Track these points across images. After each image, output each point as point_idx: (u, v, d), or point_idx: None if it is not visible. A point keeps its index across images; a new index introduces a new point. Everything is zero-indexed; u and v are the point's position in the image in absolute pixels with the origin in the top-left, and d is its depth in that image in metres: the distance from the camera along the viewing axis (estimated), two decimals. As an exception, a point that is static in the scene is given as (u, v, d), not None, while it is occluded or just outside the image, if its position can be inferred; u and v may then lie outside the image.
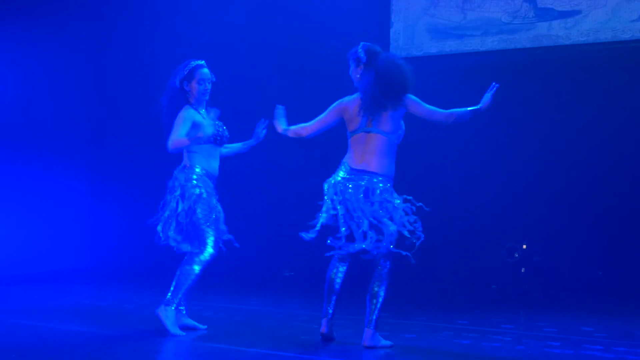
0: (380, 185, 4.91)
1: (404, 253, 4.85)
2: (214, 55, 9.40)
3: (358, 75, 5.00)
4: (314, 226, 4.95)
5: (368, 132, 4.93)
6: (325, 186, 5.01)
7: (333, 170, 5.05)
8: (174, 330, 5.26)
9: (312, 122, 5.15)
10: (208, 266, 5.38)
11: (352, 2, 8.86)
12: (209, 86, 5.47)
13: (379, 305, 4.89)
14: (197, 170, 5.42)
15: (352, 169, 4.94)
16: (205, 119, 5.36)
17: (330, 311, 5.02)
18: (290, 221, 9.16)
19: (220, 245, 5.49)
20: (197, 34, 9.33)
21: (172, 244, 5.46)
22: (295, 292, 7.78)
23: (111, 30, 9.64)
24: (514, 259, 8.09)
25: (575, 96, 8.09)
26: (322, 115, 5.13)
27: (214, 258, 5.39)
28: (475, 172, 8.41)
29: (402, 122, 5.07)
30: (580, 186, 7.99)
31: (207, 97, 5.50)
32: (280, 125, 5.21)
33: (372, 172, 4.91)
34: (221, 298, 7.17)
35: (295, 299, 7.20)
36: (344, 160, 5.02)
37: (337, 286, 5.04)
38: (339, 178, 4.95)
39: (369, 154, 4.93)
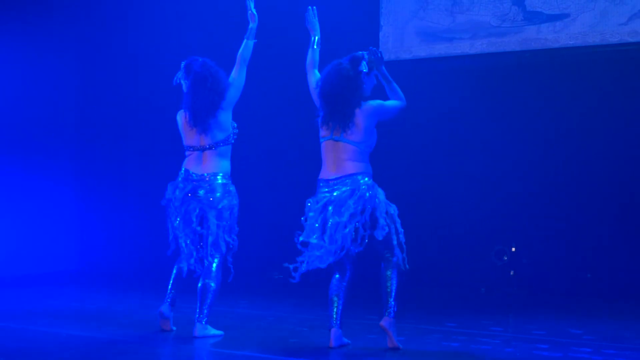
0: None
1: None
2: (202, 55, 9.39)
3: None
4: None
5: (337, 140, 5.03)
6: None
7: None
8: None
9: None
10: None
11: (341, 4, 8.85)
12: None
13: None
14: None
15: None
16: None
17: None
18: (280, 224, 9.17)
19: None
20: (186, 34, 9.29)
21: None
22: (285, 295, 7.76)
23: (99, 30, 9.58)
24: (503, 262, 8.10)
25: (564, 99, 8.11)
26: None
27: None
28: (463, 175, 8.41)
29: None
30: (569, 189, 8.01)
31: None
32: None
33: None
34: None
35: (285, 302, 7.18)
36: None
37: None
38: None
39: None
